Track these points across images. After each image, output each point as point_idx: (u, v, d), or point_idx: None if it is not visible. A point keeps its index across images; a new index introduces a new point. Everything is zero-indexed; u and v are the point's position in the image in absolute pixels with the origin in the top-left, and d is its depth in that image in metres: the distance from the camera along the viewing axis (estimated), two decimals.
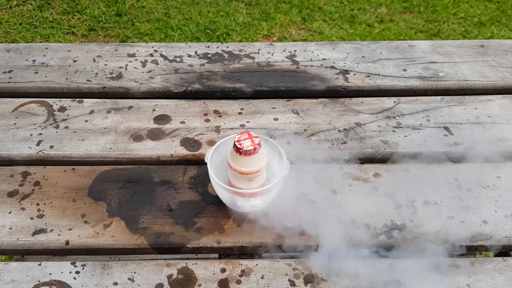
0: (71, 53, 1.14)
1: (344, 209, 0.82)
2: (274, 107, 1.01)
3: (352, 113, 1.00)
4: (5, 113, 0.99)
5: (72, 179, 0.87)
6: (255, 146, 0.72)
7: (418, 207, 0.83)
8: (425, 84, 1.07)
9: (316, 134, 0.95)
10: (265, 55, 1.14)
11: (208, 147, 0.93)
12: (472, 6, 2.48)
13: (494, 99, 1.04)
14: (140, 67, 1.10)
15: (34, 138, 0.94)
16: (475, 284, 0.74)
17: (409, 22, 2.37)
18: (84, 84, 1.06)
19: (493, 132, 0.96)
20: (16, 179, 0.87)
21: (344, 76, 1.09)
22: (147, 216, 0.82)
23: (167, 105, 1.02)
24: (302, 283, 0.74)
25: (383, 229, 0.80)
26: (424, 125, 0.98)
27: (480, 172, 0.89)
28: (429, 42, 1.20)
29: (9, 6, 2.38)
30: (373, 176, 0.88)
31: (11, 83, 1.06)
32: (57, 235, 0.79)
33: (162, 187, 0.86)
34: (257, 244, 0.79)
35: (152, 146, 0.93)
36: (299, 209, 0.81)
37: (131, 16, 2.35)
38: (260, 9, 2.41)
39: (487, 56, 1.15)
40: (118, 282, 0.74)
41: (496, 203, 0.84)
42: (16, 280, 0.74)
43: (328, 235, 0.78)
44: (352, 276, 0.74)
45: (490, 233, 0.80)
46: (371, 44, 1.19)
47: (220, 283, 0.74)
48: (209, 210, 0.83)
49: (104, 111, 1.00)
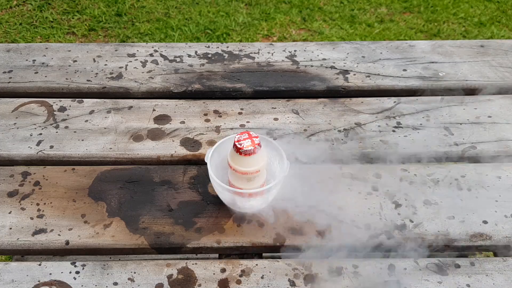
0: (71, 53, 1.14)
1: (343, 209, 0.82)
2: (274, 107, 1.01)
3: (352, 113, 1.00)
4: (5, 113, 0.99)
5: (72, 179, 0.87)
6: (255, 146, 0.72)
7: (418, 207, 0.83)
8: (425, 84, 1.07)
9: (316, 134, 0.95)
10: (265, 55, 1.14)
11: (208, 147, 0.93)
12: (472, 6, 2.48)
13: (494, 99, 1.04)
14: (140, 67, 1.10)
15: (34, 138, 0.94)
16: (475, 284, 0.74)
17: (409, 22, 2.37)
18: (84, 84, 1.06)
19: (493, 132, 0.96)
20: (16, 179, 0.87)
21: (344, 76, 1.09)
22: (147, 216, 0.82)
23: (167, 105, 1.02)
24: (302, 283, 0.74)
25: (383, 229, 0.80)
26: (424, 125, 0.98)
27: (480, 172, 0.89)
28: (429, 42, 1.20)
29: (9, 6, 2.38)
30: (373, 176, 0.88)
31: (11, 83, 1.06)
32: (57, 235, 0.79)
33: (162, 187, 0.86)
34: (257, 244, 0.79)
35: (152, 146, 0.93)
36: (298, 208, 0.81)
37: (131, 16, 2.35)
38: (260, 9, 2.41)
39: (487, 56, 1.15)
40: (118, 282, 0.74)
41: (496, 203, 0.84)
42: (16, 280, 0.74)
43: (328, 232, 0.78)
44: (352, 276, 0.74)
45: (490, 233, 0.80)
46: (371, 44, 1.19)
47: (220, 283, 0.74)
48: (209, 210, 0.83)
49: (104, 111, 1.00)
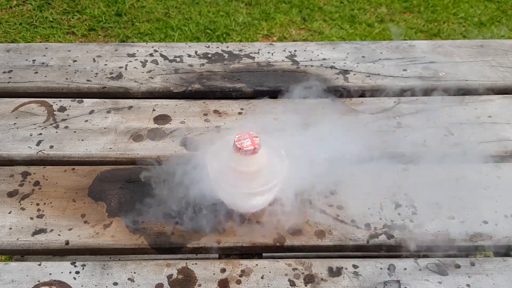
0: (71, 53, 1.13)
1: (343, 209, 0.82)
2: (274, 107, 1.01)
3: (352, 113, 1.00)
4: (5, 113, 0.99)
5: (72, 179, 0.87)
6: (255, 146, 0.72)
7: (418, 207, 0.83)
8: (425, 84, 1.07)
9: (316, 134, 0.95)
10: (265, 55, 1.14)
11: (208, 147, 0.92)
12: (472, 6, 2.48)
13: (494, 99, 1.04)
14: (140, 67, 1.10)
15: (34, 138, 0.94)
16: (475, 284, 0.74)
17: (409, 22, 2.36)
18: (84, 84, 1.06)
19: (493, 132, 0.96)
20: (16, 179, 0.87)
21: (344, 76, 1.09)
22: (147, 216, 0.82)
23: (167, 105, 1.01)
24: (302, 283, 0.74)
25: (383, 229, 0.80)
26: (425, 125, 0.98)
27: (481, 172, 0.89)
28: (429, 42, 1.20)
29: (9, 6, 2.38)
30: (373, 175, 0.88)
31: (11, 83, 1.06)
32: (57, 235, 0.79)
33: (162, 187, 0.86)
34: (257, 244, 0.79)
35: (152, 146, 0.93)
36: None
37: (131, 16, 2.35)
38: (260, 9, 2.41)
39: (487, 56, 1.14)
40: (118, 282, 0.74)
41: (496, 203, 0.84)
42: (16, 280, 0.73)
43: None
44: (352, 276, 0.74)
45: (490, 233, 0.80)
46: (371, 44, 1.19)
47: (220, 283, 0.74)
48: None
49: (104, 111, 1.00)
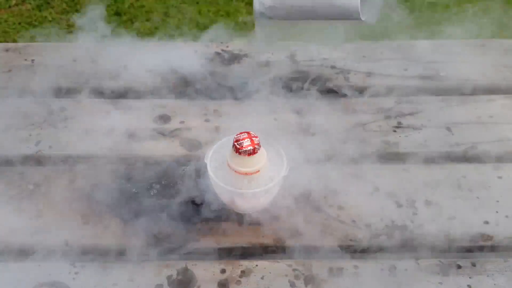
0: (70, 53, 1.13)
1: (344, 210, 0.82)
2: (274, 107, 1.01)
3: (352, 113, 1.00)
4: (4, 113, 0.98)
5: (71, 179, 0.87)
6: (254, 146, 0.72)
7: (419, 207, 0.83)
8: (426, 84, 1.07)
9: (316, 134, 0.95)
10: (265, 55, 1.14)
11: (208, 147, 0.92)
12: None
13: (495, 99, 1.03)
14: (140, 67, 1.10)
15: (33, 138, 0.94)
16: (476, 284, 0.74)
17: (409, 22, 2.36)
18: (84, 83, 1.05)
19: (494, 132, 0.96)
20: (16, 179, 0.87)
21: (345, 75, 1.08)
22: (147, 216, 0.81)
23: (167, 105, 1.01)
24: (302, 284, 0.73)
25: (384, 230, 0.80)
26: (425, 125, 0.97)
27: (482, 172, 0.89)
28: (430, 41, 1.19)
29: (8, 5, 2.38)
30: (373, 176, 0.88)
31: (10, 83, 1.05)
32: (56, 236, 0.79)
33: (162, 187, 0.86)
34: (257, 245, 0.78)
35: (152, 146, 0.93)
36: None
37: (131, 15, 2.35)
38: None
39: (488, 56, 1.14)
40: (117, 282, 0.73)
41: (497, 204, 0.84)
42: (16, 280, 0.73)
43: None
44: (352, 276, 0.74)
45: (492, 234, 0.80)
46: (372, 43, 1.18)
47: (220, 283, 0.73)
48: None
49: (103, 111, 1.00)
